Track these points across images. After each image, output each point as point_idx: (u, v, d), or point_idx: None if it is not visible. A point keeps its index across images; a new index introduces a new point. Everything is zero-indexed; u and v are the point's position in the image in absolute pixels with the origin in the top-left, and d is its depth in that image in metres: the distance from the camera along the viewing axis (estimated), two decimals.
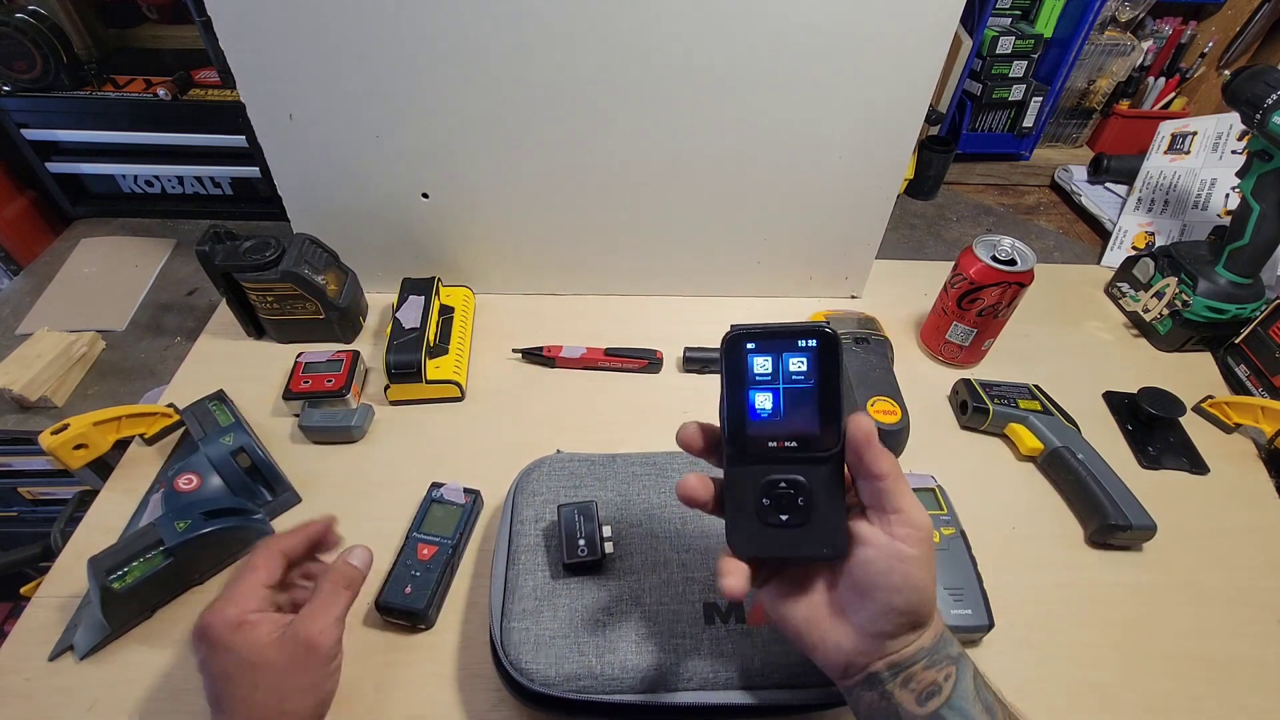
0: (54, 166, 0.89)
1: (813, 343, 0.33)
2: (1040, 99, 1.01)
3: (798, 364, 0.34)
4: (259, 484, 0.59)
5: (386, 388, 0.68)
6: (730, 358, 0.34)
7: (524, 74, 0.63)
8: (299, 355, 0.70)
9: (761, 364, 0.34)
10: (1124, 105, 1.08)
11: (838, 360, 0.33)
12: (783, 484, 0.34)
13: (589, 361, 0.74)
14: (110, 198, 0.94)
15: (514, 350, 0.75)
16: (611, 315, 0.81)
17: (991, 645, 0.53)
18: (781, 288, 0.84)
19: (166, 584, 0.52)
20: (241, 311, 0.73)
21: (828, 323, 0.34)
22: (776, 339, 0.34)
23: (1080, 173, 1.07)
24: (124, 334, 0.79)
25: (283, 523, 0.59)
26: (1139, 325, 0.82)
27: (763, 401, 0.34)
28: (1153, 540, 0.60)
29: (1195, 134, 0.93)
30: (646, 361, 0.73)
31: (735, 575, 0.34)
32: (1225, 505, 0.64)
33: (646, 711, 0.43)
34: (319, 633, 0.38)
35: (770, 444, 0.34)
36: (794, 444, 0.34)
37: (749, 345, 0.34)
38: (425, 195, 0.73)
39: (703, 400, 0.65)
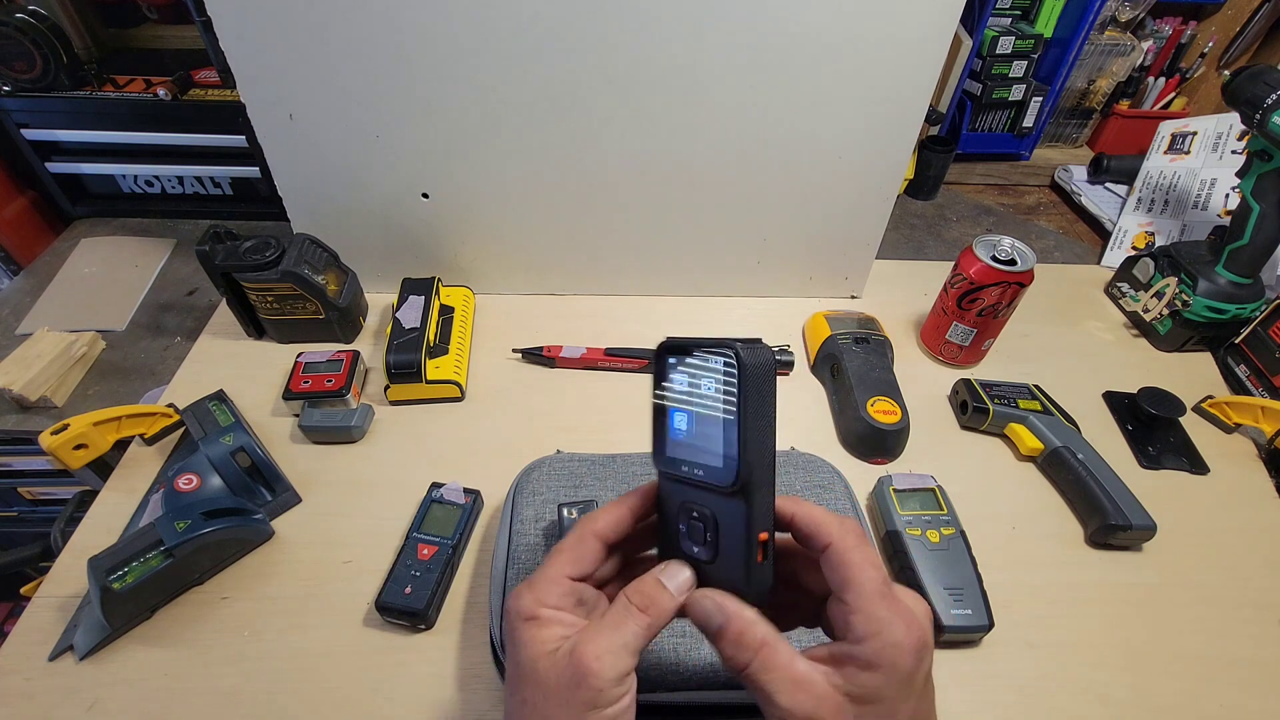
0: (54, 166, 0.89)
1: (719, 362, 0.29)
2: (1040, 99, 1.01)
3: (709, 383, 0.30)
4: (259, 484, 0.59)
5: (386, 388, 0.68)
6: (656, 369, 0.31)
7: (524, 74, 0.63)
8: (299, 355, 0.70)
9: (678, 379, 0.31)
10: (1124, 105, 1.08)
11: (747, 383, 0.28)
12: (695, 512, 0.31)
13: (589, 361, 0.74)
14: (110, 198, 0.94)
15: (514, 350, 0.75)
16: (611, 315, 0.81)
17: (991, 645, 0.53)
18: (781, 288, 0.84)
19: (166, 584, 0.52)
20: (241, 311, 0.73)
21: (759, 339, 0.30)
22: (691, 353, 0.30)
23: (1080, 173, 1.07)
24: (124, 334, 0.79)
25: (283, 523, 0.59)
26: (1139, 325, 0.82)
27: (679, 420, 0.31)
28: (1153, 540, 0.60)
29: (1195, 134, 0.93)
30: (646, 361, 0.73)
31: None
32: (1225, 505, 0.64)
33: (646, 711, 0.43)
34: (594, 658, 0.28)
35: (683, 467, 0.31)
36: (700, 471, 0.30)
37: (669, 359, 0.31)
38: (425, 195, 0.73)
39: None
